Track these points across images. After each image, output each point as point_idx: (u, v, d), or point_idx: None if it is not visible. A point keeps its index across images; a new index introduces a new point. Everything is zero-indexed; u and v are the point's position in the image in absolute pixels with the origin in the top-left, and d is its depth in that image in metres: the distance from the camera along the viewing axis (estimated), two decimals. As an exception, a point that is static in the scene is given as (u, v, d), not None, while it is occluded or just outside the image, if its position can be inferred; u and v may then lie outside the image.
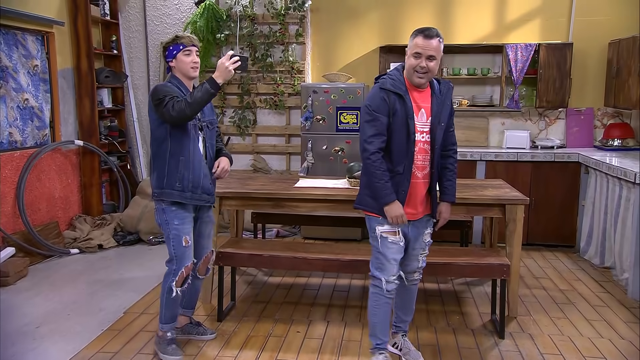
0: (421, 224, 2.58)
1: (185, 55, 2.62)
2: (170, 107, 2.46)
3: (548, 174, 4.69)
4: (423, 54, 2.33)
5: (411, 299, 2.73)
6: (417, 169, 2.46)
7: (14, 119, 4.28)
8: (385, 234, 2.48)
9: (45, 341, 2.93)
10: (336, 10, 5.30)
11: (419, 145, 2.43)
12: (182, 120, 2.51)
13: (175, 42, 2.62)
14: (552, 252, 4.64)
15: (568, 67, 4.78)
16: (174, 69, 2.66)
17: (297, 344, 2.93)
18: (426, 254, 2.66)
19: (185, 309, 2.93)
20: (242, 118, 5.51)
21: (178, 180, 2.61)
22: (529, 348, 2.86)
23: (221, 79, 2.50)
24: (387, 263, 2.49)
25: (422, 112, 2.44)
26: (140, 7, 5.55)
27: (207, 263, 2.91)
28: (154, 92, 2.56)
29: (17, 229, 4.20)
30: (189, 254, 2.69)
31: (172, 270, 2.68)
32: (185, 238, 2.66)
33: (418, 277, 2.68)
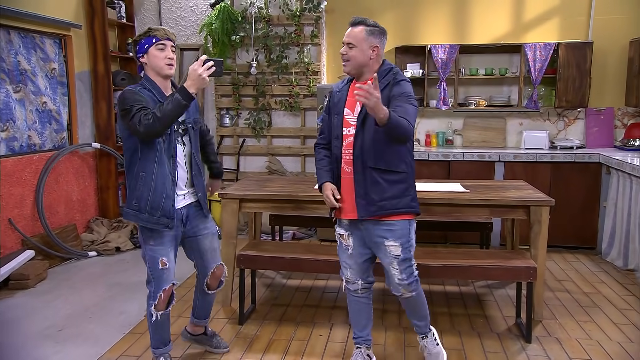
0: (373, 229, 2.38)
1: (158, 49, 2.31)
2: (137, 121, 2.18)
3: (568, 174, 4.63)
4: (345, 42, 2.37)
5: (414, 308, 2.54)
6: (346, 163, 2.40)
7: (33, 122, 4.29)
8: (339, 237, 2.52)
9: (68, 344, 2.93)
10: (351, 11, 5.26)
11: (348, 139, 2.38)
12: (152, 136, 2.24)
13: (147, 35, 2.32)
14: (573, 254, 4.58)
15: (588, 66, 4.71)
16: (145, 66, 2.36)
17: (321, 347, 2.90)
18: (398, 270, 2.38)
19: (197, 319, 2.77)
20: (257, 120, 5.50)
21: (135, 198, 2.33)
22: (557, 352, 2.81)
23: (194, 87, 2.21)
24: (342, 266, 2.57)
25: (357, 105, 2.37)
26: (155, 10, 5.56)
27: (217, 278, 2.68)
28: (120, 99, 2.25)
29: (36, 231, 4.21)
30: (167, 276, 2.41)
31: (150, 294, 2.44)
32: (162, 260, 2.39)
33: (408, 295, 2.45)
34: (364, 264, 2.52)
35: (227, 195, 3.35)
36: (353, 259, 2.51)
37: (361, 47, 2.33)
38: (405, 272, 2.39)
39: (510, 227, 3.92)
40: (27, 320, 3.24)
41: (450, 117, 5.25)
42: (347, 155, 2.39)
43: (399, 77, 2.37)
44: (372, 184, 2.33)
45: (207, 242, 2.60)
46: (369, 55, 2.35)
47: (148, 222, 2.34)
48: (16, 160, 4.04)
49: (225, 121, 5.58)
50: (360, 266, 2.52)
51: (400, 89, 2.33)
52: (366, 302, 2.59)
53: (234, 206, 3.35)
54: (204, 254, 2.61)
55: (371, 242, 2.43)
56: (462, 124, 5.25)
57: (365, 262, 2.52)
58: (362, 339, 2.62)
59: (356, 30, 2.34)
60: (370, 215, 2.34)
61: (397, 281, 2.41)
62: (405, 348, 2.88)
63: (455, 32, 5.14)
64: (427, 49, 4.94)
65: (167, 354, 2.57)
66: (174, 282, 2.47)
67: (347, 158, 2.38)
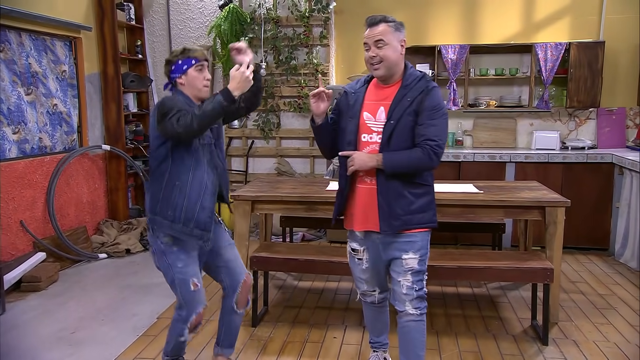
0: (392, 242, 2.21)
1: (197, 70, 2.25)
2: (175, 120, 2.10)
3: (580, 175, 4.59)
4: (369, 43, 2.15)
5: (408, 343, 2.24)
6: (366, 173, 2.19)
7: (44, 124, 4.30)
8: (353, 252, 2.36)
9: (82, 347, 2.92)
10: (360, 12, 5.25)
11: (369, 147, 2.18)
12: (189, 136, 2.15)
13: (186, 56, 2.24)
14: (585, 256, 4.54)
15: (600, 66, 4.68)
16: (181, 86, 2.28)
17: (335, 350, 2.88)
18: (410, 282, 2.20)
19: (224, 347, 2.53)
20: (265, 121, 5.49)
21: (171, 208, 2.22)
22: (575, 355, 2.78)
23: (239, 90, 2.12)
24: (355, 278, 2.45)
25: (380, 111, 2.17)
26: (164, 12, 5.56)
27: (246, 292, 2.48)
28: (160, 105, 2.18)
29: (47, 234, 4.22)
30: (200, 298, 2.32)
31: (182, 318, 2.31)
32: (193, 281, 2.28)
33: (411, 311, 2.21)
34: (380, 276, 2.38)
35: (240, 197, 3.33)
36: (368, 273, 2.36)
37: (392, 44, 2.13)
38: (417, 284, 2.21)
39: (523, 228, 3.89)
40: (40, 323, 3.24)
41: (460, 118, 5.22)
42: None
43: (430, 85, 2.17)
44: (397, 197, 2.15)
45: (230, 253, 2.46)
46: (400, 51, 2.16)
47: (181, 234, 2.23)
48: (27, 163, 4.05)
49: (233, 123, 5.57)
50: (376, 278, 2.38)
51: (433, 101, 2.13)
52: (383, 311, 2.52)
53: (247, 208, 3.33)
54: (230, 264, 2.44)
55: (387, 255, 2.25)
56: (472, 125, 5.23)
57: (381, 274, 2.37)
58: (379, 343, 2.59)
59: (380, 28, 2.13)
60: (394, 230, 2.17)
61: (406, 291, 2.20)
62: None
63: (465, 32, 5.12)
64: (437, 49, 4.92)
65: None
66: (205, 303, 2.36)
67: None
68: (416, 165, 2.13)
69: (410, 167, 2.13)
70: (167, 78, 2.32)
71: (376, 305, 2.48)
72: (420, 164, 2.13)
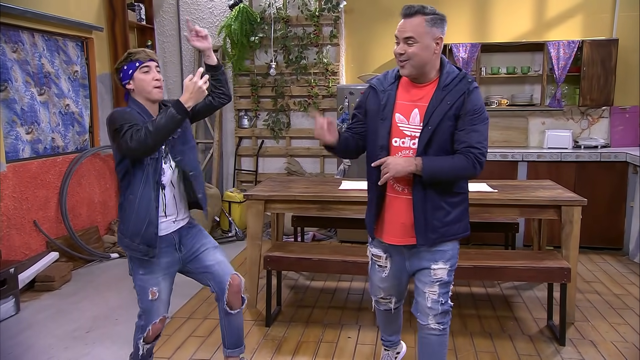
0: (422, 252, 2.07)
1: (143, 73, 2.15)
2: (129, 137, 2.00)
3: (593, 174, 4.56)
4: (400, 37, 1.94)
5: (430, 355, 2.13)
6: (397, 181, 2.03)
7: (57, 125, 4.32)
8: (374, 257, 2.23)
9: (97, 346, 2.92)
10: (370, 11, 5.25)
11: (402, 152, 2.01)
12: (144, 152, 2.05)
13: (129, 60, 2.15)
14: (599, 255, 4.50)
15: (613, 64, 4.64)
16: (133, 92, 2.18)
17: (350, 350, 2.86)
18: (436, 294, 2.07)
19: (230, 349, 2.47)
20: (275, 121, 5.48)
21: (124, 221, 2.18)
22: (594, 356, 2.75)
23: (192, 101, 2.05)
24: (372, 285, 2.31)
25: (414, 113, 1.99)
26: (174, 12, 5.57)
27: (236, 292, 2.36)
28: (110, 119, 2.09)
29: (59, 233, 4.23)
30: (157, 309, 2.22)
31: (139, 325, 2.27)
32: (152, 290, 2.20)
33: (434, 325, 2.08)
34: (400, 286, 2.26)
35: (253, 197, 3.33)
36: (388, 282, 2.23)
37: (424, 42, 1.90)
38: (443, 297, 2.08)
39: (537, 228, 3.86)
40: (55, 322, 3.25)
41: (471, 117, 5.18)
42: None
43: (472, 87, 1.97)
44: (434, 208, 1.99)
45: (209, 257, 2.33)
46: (433, 50, 1.94)
47: (128, 248, 2.18)
48: (41, 163, 4.06)
49: (243, 122, 5.58)
50: (396, 288, 2.26)
51: (475, 105, 1.95)
52: (397, 315, 2.46)
53: (259, 207, 3.33)
54: (211, 268, 2.32)
55: (414, 265, 2.11)
56: (483, 124, 5.19)
57: (402, 284, 2.26)
58: (391, 342, 2.57)
59: (414, 21, 1.90)
60: (430, 243, 2.02)
61: (430, 304, 2.06)
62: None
63: (476, 31, 5.09)
64: (448, 47, 4.90)
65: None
66: (165, 315, 2.27)
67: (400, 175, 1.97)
68: (458, 174, 1.96)
69: (452, 175, 1.96)
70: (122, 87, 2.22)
71: (389, 312, 2.39)
72: (463, 173, 1.96)
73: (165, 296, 2.25)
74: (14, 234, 3.79)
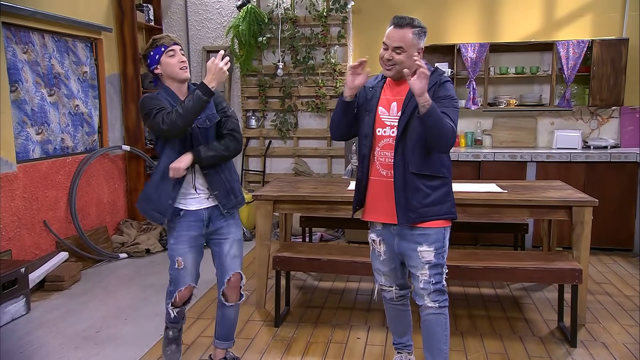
0: (407, 235, 2.23)
1: (169, 56, 2.31)
2: (160, 120, 2.22)
3: (603, 174, 4.52)
4: (390, 45, 2.14)
5: (431, 336, 2.26)
6: (382, 166, 2.26)
7: (66, 125, 4.34)
8: (372, 243, 2.39)
9: (107, 346, 2.93)
10: (378, 11, 5.24)
11: (383, 140, 2.24)
12: (175, 133, 2.25)
13: (154, 46, 2.32)
14: (609, 256, 4.47)
15: (623, 63, 4.60)
16: (161, 76, 2.36)
17: (360, 350, 2.86)
18: (427, 275, 2.21)
19: (219, 340, 2.57)
20: (283, 121, 5.49)
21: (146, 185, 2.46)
22: (605, 357, 2.73)
23: (214, 82, 2.23)
24: (374, 271, 2.45)
25: (393, 105, 2.23)
26: (182, 13, 5.59)
27: (234, 288, 2.50)
28: (140, 105, 2.32)
29: (69, 233, 4.25)
30: (184, 278, 2.42)
31: (168, 291, 2.49)
32: (178, 260, 2.39)
33: (430, 304, 2.23)
34: (396, 270, 2.39)
35: (261, 197, 3.33)
36: (386, 265, 2.38)
37: (410, 52, 2.13)
38: (434, 277, 2.22)
39: (546, 229, 3.84)
40: (65, 322, 3.26)
41: (479, 117, 5.17)
42: (382, 157, 2.25)
43: (443, 79, 2.23)
44: (413, 190, 2.18)
45: (226, 247, 2.48)
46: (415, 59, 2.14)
47: (143, 212, 2.41)
48: (50, 163, 4.09)
49: (251, 123, 5.58)
50: (394, 272, 2.39)
51: (445, 91, 2.19)
52: (403, 309, 2.49)
53: (268, 207, 3.33)
54: (222, 259, 2.49)
55: (402, 248, 2.27)
56: (492, 124, 5.17)
57: (397, 267, 2.39)
58: (403, 345, 2.57)
59: (403, 33, 2.13)
60: (410, 222, 2.20)
61: (423, 286, 2.22)
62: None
63: (484, 31, 5.07)
64: (456, 47, 4.88)
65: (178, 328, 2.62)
66: (191, 284, 2.45)
67: (383, 160, 2.24)
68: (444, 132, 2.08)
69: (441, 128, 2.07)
70: (150, 73, 2.40)
71: (395, 302, 2.46)
72: (446, 133, 2.08)
73: (191, 266, 2.43)
74: (24, 234, 3.81)
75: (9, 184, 3.67)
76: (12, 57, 3.76)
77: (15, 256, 3.70)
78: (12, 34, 3.77)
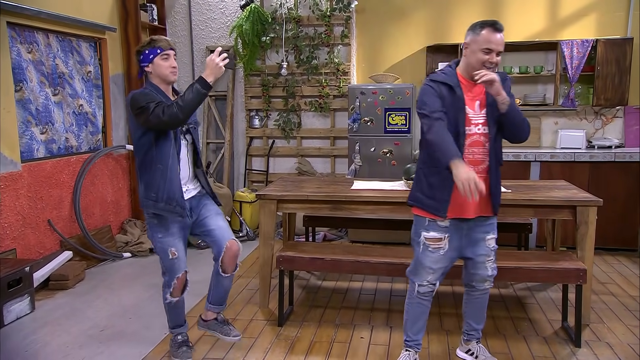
0: (478, 226, 2.43)
1: (163, 59, 2.44)
2: (160, 112, 2.30)
3: (608, 174, 4.51)
4: (494, 50, 2.25)
5: (482, 308, 2.64)
6: (470, 163, 2.32)
7: (70, 125, 4.35)
8: (428, 241, 2.42)
9: (112, 344, 2.94)
10: (382, 11, 5.23)
11: (472, 138, 2.35)
12: (175, 125, 2.37)
13: (151, 46, 2.44)
14: (613, 256, 4.45)
15: (628, 63, 4.59)
16: (150, 74, 2.48)
17: (363, 350, 2.86)
18: (493, 261, 2.50)
19: (212, 304, 2.77)
20: (286, 121, 5.49)
21: (154, 190, 2.47)
22: (610, 358, 2.72)
23: (212, 77, 2.37)
24: (422, 270, 2.47)
25: (477, 104, 2.35)
26: (185, 12, 5.60)
27: (232, 257, 2.64)
28: (132, 100, 2.38)
29: (73, 233, 4.27)
30: (179, 265, 2.57)
31: (165, 282, 2.62)
32: (171, 250, 2.54)
33: (489, 286, 2.56)
34: (447, 268, 2.49)
35: (265, 196, 3.33)
36: (441, 262, 2.43)
37: None
38: (495, 262, 2.52)
39: (550, 228, 3.83)
40: (70, 320, 3.27)
41: (483, 117, 5.15)
42: (470, 155, 2.34)
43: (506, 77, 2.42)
44: (497, 182, 2.41)
45: (212, 221, 2.65)
46: None
47: (164, 211, 2.49)
48: (55, 162, 4.10)
49: (254, 122, 5.59)
50: (446, 268, 2.48)
51: (507, 88, 2.35)
52: (429, 305, 2.55)
53: (272, 207, 3.33)
54: (212, 232, 2.64)
55: (473, 239, 2.43)
56: (496, 124, 5.16)
57: (448, 266, 2.49)
58: (416, 342, 2.57)
59: (502, 36, 2.27)
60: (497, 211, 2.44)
61: (490, 272, 2.50)
62: (450, 352, 2.82)
63: (488, 30, 5.05)
64: (460, 47, 4.87)
65: (184, 332, 2.76)
66: (186, 269, 2.61)
67: (472, 157, 2.34)
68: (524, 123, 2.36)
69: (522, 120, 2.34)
70: (138, 67, 2.51)
71: (427, 297, 2.51)
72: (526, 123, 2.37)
73: (182, 254, 2.59)
74: (29, 233, 3.82)
75: (14, 183, 3.68)
76: (16, 57, 3.77)
77: (19, 255, 3.71)
78: (16, 34, 3.78)
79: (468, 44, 2.31)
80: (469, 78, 2.33)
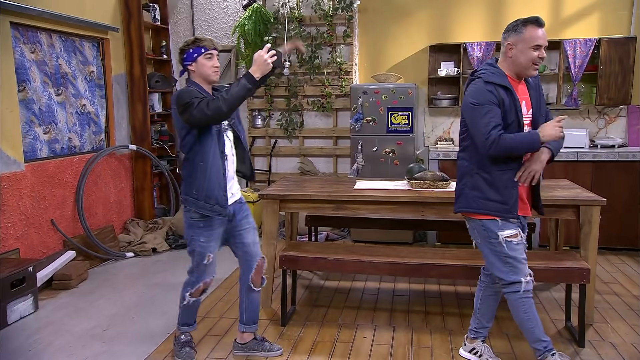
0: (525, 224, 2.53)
1: (206, 58, 2.47)
2: (205, 106, 2.33)
3: (611, 174, 4.50)
4: (543, 45, 2.29)
5: (496, 305, 2.70)
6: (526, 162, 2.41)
7: (73, 125, 4.36)
8: (509, 238, 2.40)
9: (115, 344, 2.95)
10: (384, 10, 5.23)
11: None
12: (219, 119, 2.39)
13: (196, 45, 2.46)
14: (616, 256, 4.44)
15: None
16: (192, 73, 2.51)
17: (366, 350, 2.86)
18: None
19: (246, 325, 2.77)
20: (289, 121, 5.49)
21: (195, 187, 2.48)
22: (613, 357, 2.72)
23: (259, 72, 2.39)
24: (519, 264, 2.43)
25: (524, 105, 2.39)
26: (188, 12, 5.60)
27: (260, 272, 2.72)
28: (178, 97, 2.40)
29: (76, 232, 4.28)
30: (211, 270, 2.63)
31: (190, 282, 2.64)
32: (209, 255, 2.58)
33: None
34: None
35: (268, 196, 3.33)
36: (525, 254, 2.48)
37: None
38: None
39: (553, 228, 3.82)
40: (73, 320, 3.28)
41: (485, 116, 5.14)
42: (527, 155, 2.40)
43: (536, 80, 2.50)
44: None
45: (250, 236, 2.68)
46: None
47: (204, 209, 2.48)
48: (58, 162, 4.11)
49: (257, 122, 5.59)
50: None
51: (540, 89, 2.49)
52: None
53: (275, 206, 3.33)
54: (248, 247, 2.67)
55: None
56: (498, 123, 5.15)
57: None
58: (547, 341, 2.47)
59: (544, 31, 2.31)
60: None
61: None
62: (453, 351, 2.82)
63: (491, 29, 5.05)
64: (463, 46, 4.87)
65: (189, 333, 2.77)
66: (214, 275, 2.67)
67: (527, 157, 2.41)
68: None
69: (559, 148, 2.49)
70: (181, 65, 2.53)
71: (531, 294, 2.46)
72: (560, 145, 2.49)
73: (215, 259, 2.63)
74: (32, 233, 3.83)
75: (17, 183, 3.69)
76: (20, 57, 3.78)
77: (23, 255, 3.72)
78: (20, 34, 3.79)
79: (513, 44, 2.30)
80: (516, 78, 2.36)
